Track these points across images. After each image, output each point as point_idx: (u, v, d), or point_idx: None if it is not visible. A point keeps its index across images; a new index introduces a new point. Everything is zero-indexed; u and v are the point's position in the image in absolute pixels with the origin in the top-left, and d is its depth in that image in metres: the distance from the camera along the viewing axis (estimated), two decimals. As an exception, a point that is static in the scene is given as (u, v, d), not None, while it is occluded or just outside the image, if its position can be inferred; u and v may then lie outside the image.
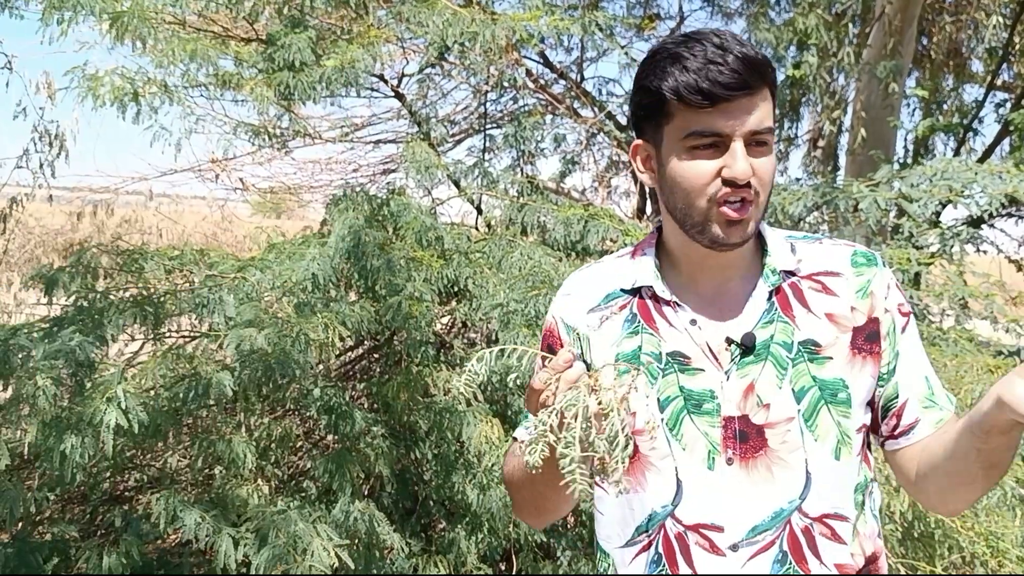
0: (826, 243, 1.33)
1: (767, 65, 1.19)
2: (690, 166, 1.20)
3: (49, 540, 3.02)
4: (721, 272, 1.28)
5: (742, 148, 1.18)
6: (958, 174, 4.07)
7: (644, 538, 1.26)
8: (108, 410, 2.51)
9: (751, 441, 1.21)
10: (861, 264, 1.29)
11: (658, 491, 1.24)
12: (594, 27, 4.33)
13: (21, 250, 9.13)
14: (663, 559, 1.24)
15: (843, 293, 1.26)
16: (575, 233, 3.55)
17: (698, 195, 1.20)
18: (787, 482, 1.21)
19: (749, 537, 1.20)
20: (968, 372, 3.17)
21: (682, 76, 1.17)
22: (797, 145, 8.28)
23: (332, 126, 5.78)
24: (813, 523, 1.21)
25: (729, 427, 1.22)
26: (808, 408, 1.22)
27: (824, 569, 1.21)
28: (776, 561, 1.20)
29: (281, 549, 2.65)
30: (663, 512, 1.24)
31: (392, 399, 3.27)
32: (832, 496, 1.22)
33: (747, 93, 1.17)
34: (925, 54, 7.97)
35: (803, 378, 1.22)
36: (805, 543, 1.21)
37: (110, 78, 3.42)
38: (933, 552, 2.80)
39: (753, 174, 1.18)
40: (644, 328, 1.28)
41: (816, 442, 1.21)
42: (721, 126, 1.17)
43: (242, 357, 2.88)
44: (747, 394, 1.22)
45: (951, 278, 4.08)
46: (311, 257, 3.23)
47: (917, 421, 1.27)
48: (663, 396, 1.24)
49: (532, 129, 4.39)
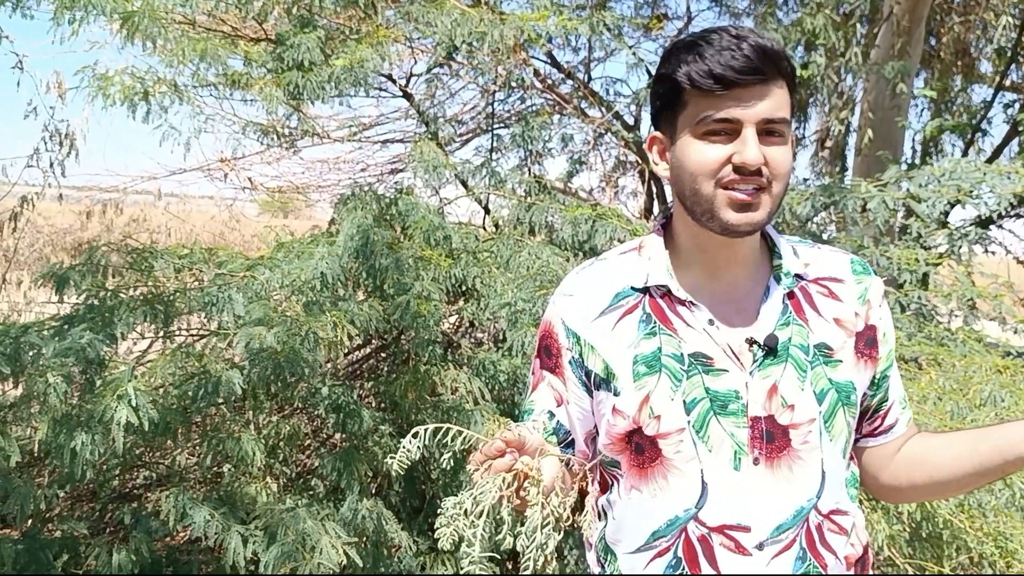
0: (824, 249, 1.36)
1: (783, 57, 1.19)
2: (700, 150, 1.20)
3: (59, 537, 3.04)
4: (733, 269, 1.28)
5: (754, 135, 1.18)
6: (966, 174, 4.06)
7: (662, 543, 1.25)
8: (119, 408, 2.53)
9: (777, 441, 1.22)
10: (859, 272, 1.33)
11: (681, 494, 1.23)
12: (602, 27, 4.33)
13: (31, 249, 9.16)
14: (683, 563, 1.23)
15: (847, 299, 1.30)
16: (583, 233, 3.56)
17: (706, 178, 1.20)
18: (806, 481, 1.23)
19: (774, 536, 1.21)
20: (976, 373, 3.16)
21: (695, 63, 1.18)
22: (805, 145, 8.26)
23: (340, 125, 5.79)
24: (824, 519, 1.24)
25: (756, 427, 1.22)
26: (828, 409, 1.24)
27: (835, 560, 1.24)
28: (798, 558, 1.22)
29: (290, 547, 2.66)
30: (686, 515, 1.23)
31: (400, 398, 3.28)
32: (837, 492, 1.26)
33: (760, 80, 1.17)
34: (934, 54, 7.94)
35: (821, 380, 1.25)
36: (818, 539, 1.23)
37: (120, 77, 3.44)
38: (941, 553, 2.79)
39: (765, 163, 1.18)
40: (662, 329, 1.26)
41: (831, 442, 1.24)
42: (733, 111, 1.18)
43: (251, 355, 2.89)
44: (771, 395, 1.23)
45: (959, 279, 4.07)
46: (320, 256, 3.24)
47: (897, 421, 1.34)
48: (689, 398, 1.23)
49: (539, 129, 4.39)
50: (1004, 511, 2.68)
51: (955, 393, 3.05)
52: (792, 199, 4.13)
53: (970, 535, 2.64)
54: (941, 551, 2.79)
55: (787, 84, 1.21)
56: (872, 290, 1.32)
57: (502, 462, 1.06)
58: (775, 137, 1.20)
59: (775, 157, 1.19)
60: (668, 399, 1.23)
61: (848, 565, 1.27)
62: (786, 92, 1.21)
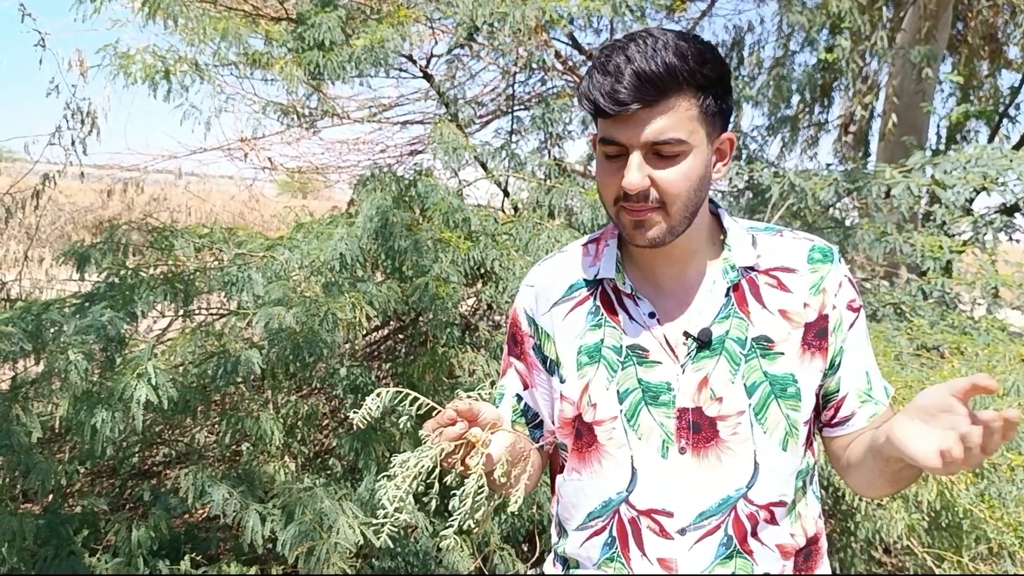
0: (787, 236, 1.35)
1: (672, 76, 1.17)
2: (601, 172, 1.26)
3: (79, 512, 3.07)
4: (672, 266, 1.32)
5: (638, 159, 1.20)
6: (992, 161, 4.01)
7: (598, 523, 1.33)
8: (138, 386, 2.54)
9: (703, 432, 1.26)
10: (817, 260, 1.31)
11: (614, 478, 1.30)
12: (624, 8, 4.29)
13: (52, 227, 9.23)
14: (616, 542, 1.31)
15: (797, 289, 1.29)
16: (602, 216, 3.54)
17: (607, 199, 1.26)
18: (735, 471, 1.26)
19: (696, 522, 1.26)
20: (1000, 362, 3.14)
21: (590, 87, 1.20)
22: (828, 130, 8.19)
23: (360, 106, 5.79)
24: (759, 510, 1.27)
25: (683, 418, 1.27)
26: (759, 402, 1.26)
27: (767, 551, 1.27)
28: (721, 544, 1.26)
29: (307, 526, 2.67)
30: (618, 498, 1.30)
31: (417, 379, 3.28)
32: (778, 484, 1.28)
33: (645, 106, 1.17)
34: (960, 39, 7.84)
35: (755, 373, 1.26)
36: (749, 528, 1.26)
37: (141, 56, 3.44)
38: (960, 542, 2.78)
39: (652, 184, 1.21)
40: (607, 321, 1.33)
41: (765, 434, 1.26)
42: (619, 136, 1.21)
43: (270, 335, 2.90)
44: (701, 387, 1.27)
45: (983, 267, 4.03)
46: (339, 237, 3.24)
47: (853, 414, 1.32)
48: (622, 388, 1.29)
49: (560, 111, 4.36)
50: (1025, 502, 2.66)
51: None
52: (815, 185, 4.09)
53: (989, 525, 2.62)
54: (960, 540, 2.78)
55: (698, 94, 1.20)
56: (829, 278, 1.30)
57: (452, 430, 1.13)
58: (667, 158, 1.21)
59: (664, 178, 1.21)
60: (604, 388, 1.30)
61: (784, 555, 1.28)
62: (689, 106, 1.20)
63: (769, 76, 6.90)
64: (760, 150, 6.61)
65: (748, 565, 1.26)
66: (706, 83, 1.20)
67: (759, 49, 7.20)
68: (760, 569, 1.27)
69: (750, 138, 6.57)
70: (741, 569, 1.26)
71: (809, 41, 6.72)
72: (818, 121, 7.97)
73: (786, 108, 7.11)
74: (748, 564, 1.26)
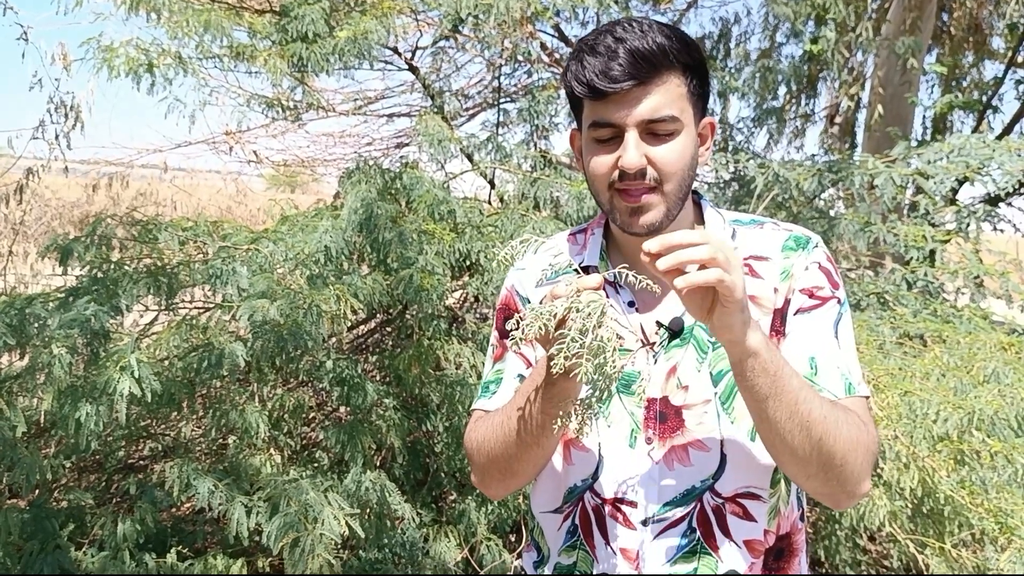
0: (767, 227, 1.34)
1: (668, 53, 1.19)
2: (594, 158, 1.25)
3: (65, 507, 3.06)
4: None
5: (635, 138, 1.20)
6: (975, 151, 4.03)
7: (566, 508, 1.32)
8: (121, 379, 2.53)
9: (670, 422, 1.26)
10: (790, 248, 1.30)
11: (580, 466, 1.30)
12: (609, 0, 4.29)
13: (37, 222, 9.17)
14: (579, 530, 1.31)
15: (768, 276, 1.29)
16: (588, 208, 3.54)
17: (601, 184, 1.25)
18: (702, 462, 1.25)
19: (660, 513, 1.25)
20: (981, 350, 3.16)
21: (579, 70, 1.21)
22: (814, 121, 8.21)
23: (346, 99, 5.78)
24: (725, 503, 1.25)
25: (651, 408, 1.27)
26: (724, 391, 1.25)
27: (732, 546, 1.25)
28: (683, 535, 1.24)
29: (293, 518, 2.67)
30: (583, 485, 1.30)
31: (404, 372, 3.29)
32: (746, 476, 1.25)
33: (638, 84, 1.18)
34: (945, 30, 7.87)
35: (722, 362, 1.25)
36: (715, 521, 1.25)
37: (125, 49, 3.42)
38: (943, 529, 2.80)
39: (649, 163, 1.21)
40: None
41: (732, 424, 1.25)
42: (613, 116, 1.21)
43: (255, 328, 2.89)
44: (669, 376, 1.27)
45: (967, 256, 4.06)
46: (324, 229, 3.23)
47: None
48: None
49: (546, 103, 4.36)
50: (1006, 488, 2.69)
51: (959, 370, 3.05)
52: (799, 175, 4.11)
53: (971, 512, 2.64)
54: (943, 527, 2.80)
55: (686, 73, 1.22)
56: (797, 264, 1.28)
57: (589, 280, 1.11)
58: (661, 137, 1.21)
59: (661, 156, 1.21)
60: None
61: (754, 553, 1.25)
62: (679, 84, 1.22)
63: (755, 68, 6.91)
64: (747, 141, 6.63)
65: (712, 563, 1.24)
66: (692, 63, 1.22)
67: (745, 41, 7.22)
68: (725, 567, 1.25)
69: (736, 130, 6.58)
70: (705, 567, 1.24)
71: (795, 33, 6.74)
72: (804, 112, 8.00)
73: (772, 99, 7.13)
74: (712, 561, 1.24)
